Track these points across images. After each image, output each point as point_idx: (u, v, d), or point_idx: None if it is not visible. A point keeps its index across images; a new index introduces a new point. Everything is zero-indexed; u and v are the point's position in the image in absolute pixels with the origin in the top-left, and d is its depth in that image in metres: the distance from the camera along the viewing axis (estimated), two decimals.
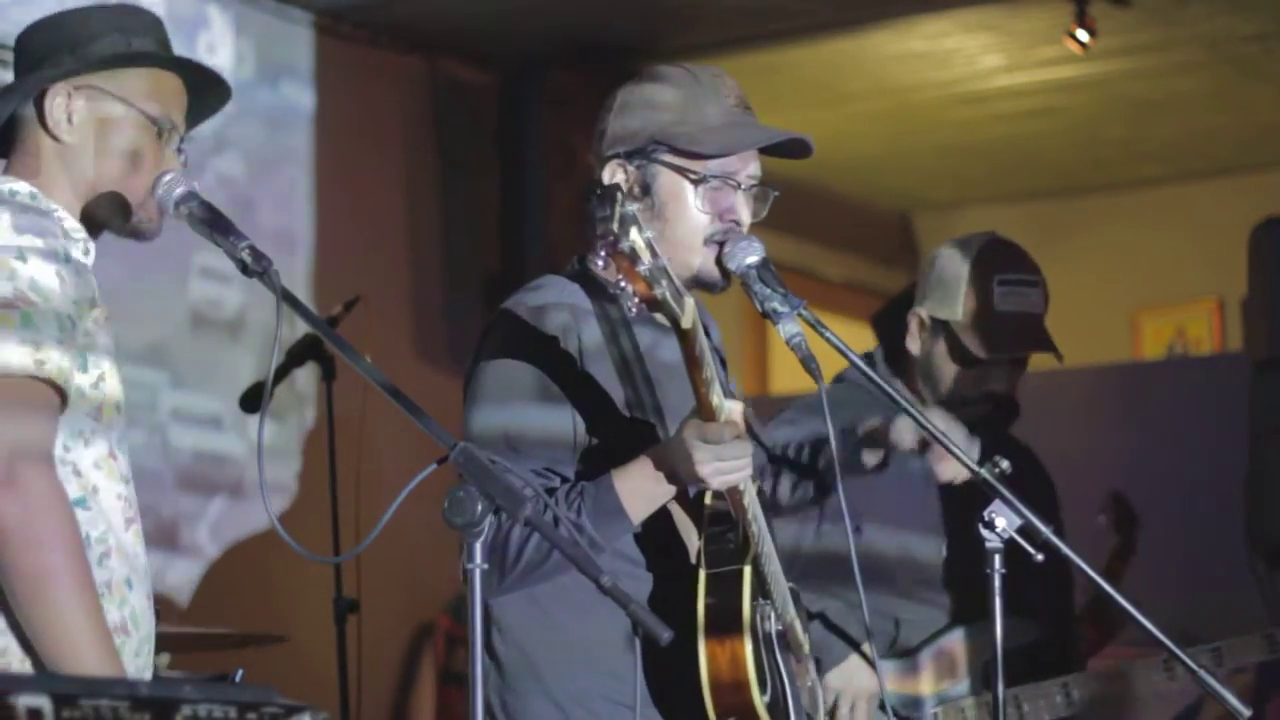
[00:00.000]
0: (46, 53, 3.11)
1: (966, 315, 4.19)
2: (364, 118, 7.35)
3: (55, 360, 2.87)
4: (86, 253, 3.05)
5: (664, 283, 2.83)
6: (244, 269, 2.99)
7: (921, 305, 4.27)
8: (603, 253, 2.78)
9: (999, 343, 4.19)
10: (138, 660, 3.00)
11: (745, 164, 3.32)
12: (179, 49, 3.20)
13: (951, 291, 4.22)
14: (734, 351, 2.99)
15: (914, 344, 4.26)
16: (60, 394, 2.89)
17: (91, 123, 3.09)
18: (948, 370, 4.21)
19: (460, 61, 7.65)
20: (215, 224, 3.01)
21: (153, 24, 3.17)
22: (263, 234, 6.21)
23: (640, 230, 2.77)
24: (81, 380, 2.94)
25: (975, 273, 4.21)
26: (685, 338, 2.95)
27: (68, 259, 2.95)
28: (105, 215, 3.10)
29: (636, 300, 2.83)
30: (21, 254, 2.89)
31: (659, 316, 3.00)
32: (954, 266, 4.24)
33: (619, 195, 2.76)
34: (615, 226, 2.75)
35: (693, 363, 2.99)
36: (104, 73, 3.10)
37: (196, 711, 2.28)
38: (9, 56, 3.15)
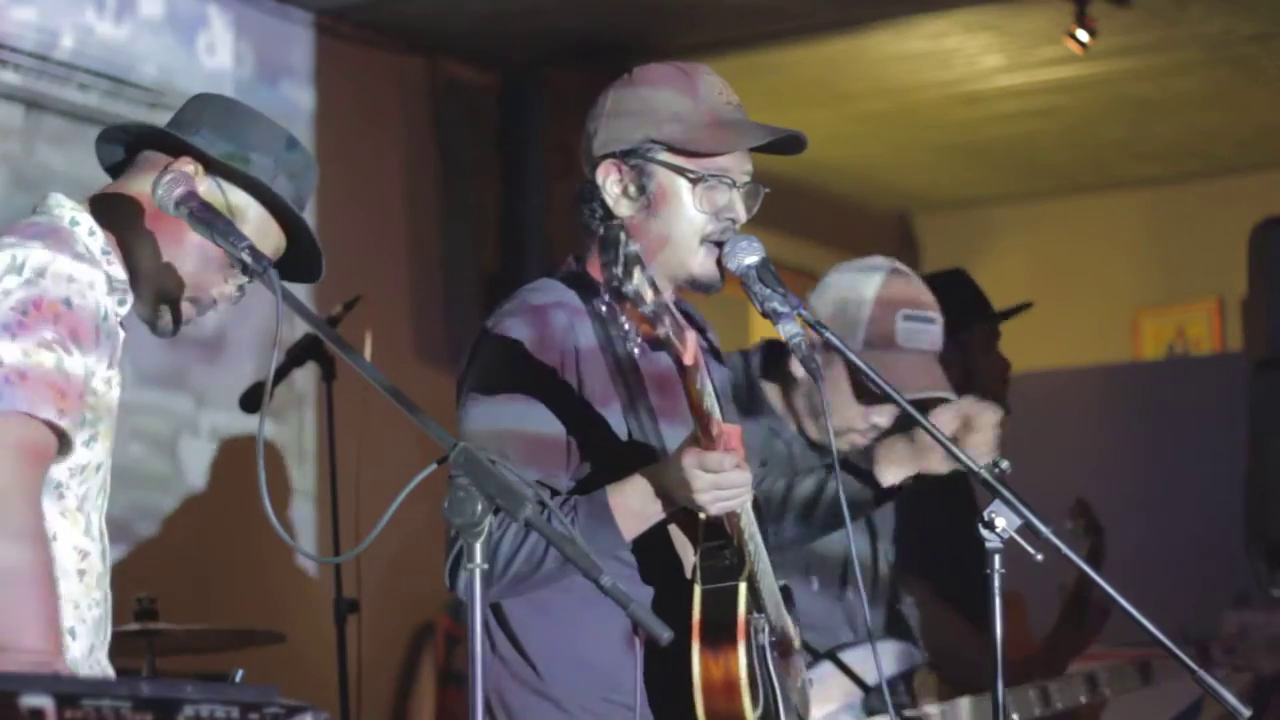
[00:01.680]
0: (213, 127, 3.13)
1: (867, 347, 3.96)
2: (364, 118, 7.35)
3: (72, 414, 2.89)
4: (123, 303, 3.07)
5: (666, 320, 2.84)
6: (244, 269, 3.00)
7: None
8: (606, 297, 2.79)
9: (897, 380, 3.77)
10: None
11: (740, 162, 3.32)
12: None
13: (852, 319, 4.01)
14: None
15: (798, 367, 3.96)
16: (63, 441, 2.91)
17: None
18: (836, 398, 3.94)
19: (460, 61, 7.64)
20: (214, 224, 3.00)
21: (307, 179, 3.19)
22: None
23: (643, 269, 2.77)
24: (76, 435, 2.96)
25: (879, 303, 4.00)
26: (686, 373, 2.96)
27: (105, 316, 2.98)
28: (138, 289, 3.11)
29: (640, 340, 2.83)
30: (68, 301, 2.92)
31: None
32: (856, 292, 4.02)
33: (622, 237, 2.76)
34: (620, 271, 2.75)
35: (692, 394, 3.00)
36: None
37: (199, 711, 2.28)
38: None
